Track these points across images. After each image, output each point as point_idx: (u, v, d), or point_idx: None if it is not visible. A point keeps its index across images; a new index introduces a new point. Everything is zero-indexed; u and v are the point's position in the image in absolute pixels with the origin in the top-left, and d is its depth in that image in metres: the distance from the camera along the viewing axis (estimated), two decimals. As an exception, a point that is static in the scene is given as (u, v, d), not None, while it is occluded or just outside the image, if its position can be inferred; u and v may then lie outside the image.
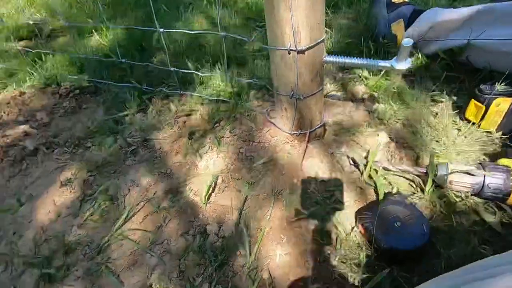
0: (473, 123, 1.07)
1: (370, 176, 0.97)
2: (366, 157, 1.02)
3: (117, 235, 0.93)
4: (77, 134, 1.35)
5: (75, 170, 1.16)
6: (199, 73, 1.25)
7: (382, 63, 0.89)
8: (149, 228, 0.94)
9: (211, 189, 1.00)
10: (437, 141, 1.06)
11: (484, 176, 0.85)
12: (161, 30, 1.18)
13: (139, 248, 0.89)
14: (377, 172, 0.96)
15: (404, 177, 0.97)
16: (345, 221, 0.88)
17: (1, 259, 0.91)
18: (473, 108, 1.07)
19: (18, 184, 1.16)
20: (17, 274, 0.86)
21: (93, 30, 2.18)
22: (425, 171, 0.92)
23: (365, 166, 0.98)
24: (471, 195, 0.88)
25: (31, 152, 1.27)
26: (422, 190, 0.92)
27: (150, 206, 1.00)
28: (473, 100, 1.06)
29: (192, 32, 1.18)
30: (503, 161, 0.90)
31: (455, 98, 1.20)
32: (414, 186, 0.94)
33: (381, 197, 0.88)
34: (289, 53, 0.89)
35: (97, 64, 1.78)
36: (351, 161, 1.03)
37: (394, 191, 0.92)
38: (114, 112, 1.44)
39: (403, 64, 0.86)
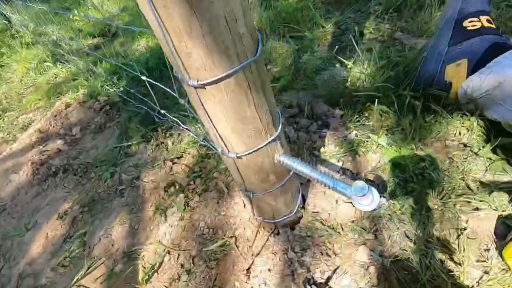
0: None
1: (322, 310, 0.76)
2: (328, 280, 0.80)
3: (73, 290, 1.01)
4: (89, 160, 1.48)
5: (72, 203, 1.29)
6: (180, 123, 1.17)
7: (340, 188, 0.63)
8: (98, 290, 0.99)
9: (155, 267, 0.97)
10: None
11: None
12: (162, 111, 1.13)
13: (83, 310, 0.96)
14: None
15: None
16: None
17: (1, 281, 1.12)
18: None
19: (37, 204, 1.37)
20: (1, 303, 1.05)
21: (139, 36, 2.27)
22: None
23: (318, 296, 0.77)
24: None
25: (53, 173, 1.47)
26: None
27: (107, 264, 1.04)
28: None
29: (183, 127, 1.08)
30: None
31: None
32: None
33: None
34: (224, 155, 0.72)
35: (129, 78, 1.88)
36: (308, 277, 0.83)
37: None
38: (124, 138, 1.51)
39: (367, 205, 0.59)
